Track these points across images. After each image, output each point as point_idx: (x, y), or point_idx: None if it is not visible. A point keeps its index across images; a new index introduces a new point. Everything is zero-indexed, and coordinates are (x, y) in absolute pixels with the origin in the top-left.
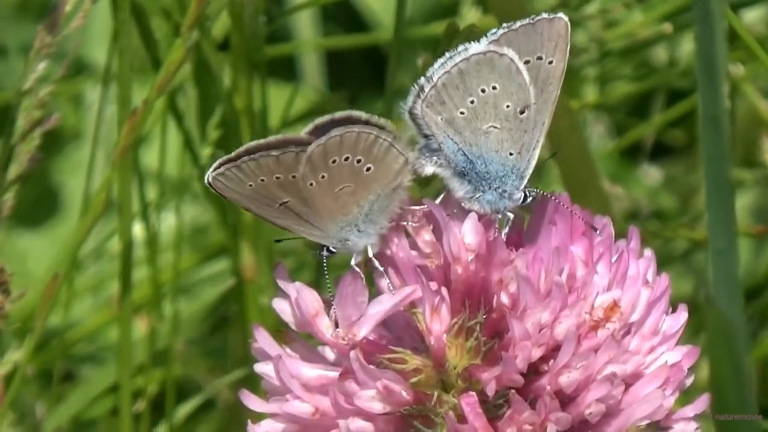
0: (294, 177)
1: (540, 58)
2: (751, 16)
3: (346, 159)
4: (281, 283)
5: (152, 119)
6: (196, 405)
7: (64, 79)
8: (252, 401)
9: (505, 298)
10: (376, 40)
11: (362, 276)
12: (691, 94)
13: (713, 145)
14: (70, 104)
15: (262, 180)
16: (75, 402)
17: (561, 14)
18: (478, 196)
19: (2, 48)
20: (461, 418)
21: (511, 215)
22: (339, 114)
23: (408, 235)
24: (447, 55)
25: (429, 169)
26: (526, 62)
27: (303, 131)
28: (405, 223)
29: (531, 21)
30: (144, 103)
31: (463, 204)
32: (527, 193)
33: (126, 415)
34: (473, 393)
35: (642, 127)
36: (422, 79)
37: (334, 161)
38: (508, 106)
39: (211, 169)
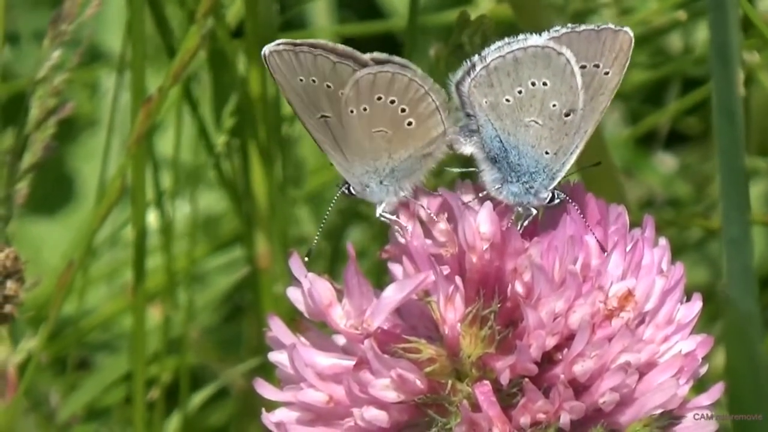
0: (342, 94)
1: (597, 66)
2: (766, 3)
3: (392, 102)
4: (295, 273)
5: (167, 107)
6: (209, 393)
7: (78, 66)
8: (266, 390)
9: (519, 287)
10: (391, 28)
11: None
12: (706, 82)
13: (727, 133)
14: (85, 92)
15: (314, 81)
16: (89, 390)
17: (627, 28)
18: (503, 186)
19: (16, 35)
20: (475, 407)
21: (534, 211)
22: (398, 58)
23: (422, 223)
24: (506, 39)
25: (467, 149)
26: (582, 67)
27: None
28: (419, 206)
29: (596, 28)
30: (159, 91)
31: (487, 192)
32: (555, 194)
33: (140, 403)
34: (487, 382)
35: (657, 115)
36: (476, 57)
37: (379, 98)
38: (554, 105)
39: (272, 43)
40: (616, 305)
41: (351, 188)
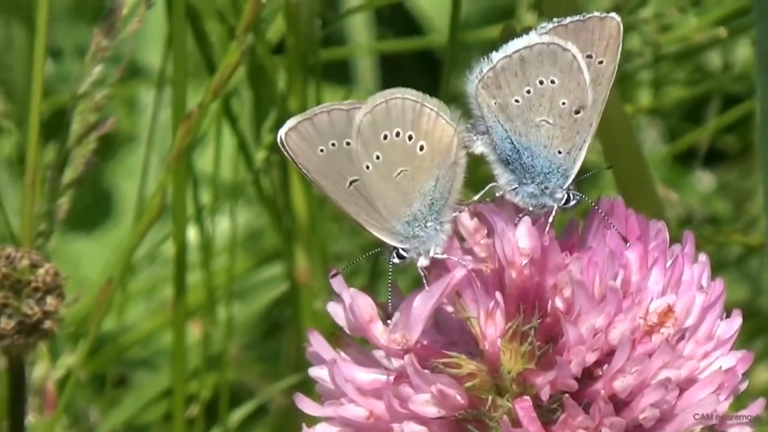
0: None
1: (590, 56)
2: None
3: (398, 135)
4: (336, 288)
5: (207, 123)
6: (249, 410)
7: (119, 82)
8: (307, 405)
9: (559, 303)
10: (431, 44)
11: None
12: (745, 100)
13: None
14: (125, 108)
15: (333, 144)
16: (128, 407)
17: (613, 14)
18: (519, 187)
19: (57, 50)
20: (516, 423)
21: (554, 211)
22: (386, 91)
23: (461, 239)
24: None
25: (478, 147)
26: None
27: None
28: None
29: (582, 18)
30: (199, 107)
31: (503, 195)
32: (571, 195)
33: (179, 420)
34: (527, 397)
35: (696, 133)
36: (482, 59)
37: (385, 137)
38: (563, 103)
39: (285, 126)
40: (656, 321)
41: (399, 251)
